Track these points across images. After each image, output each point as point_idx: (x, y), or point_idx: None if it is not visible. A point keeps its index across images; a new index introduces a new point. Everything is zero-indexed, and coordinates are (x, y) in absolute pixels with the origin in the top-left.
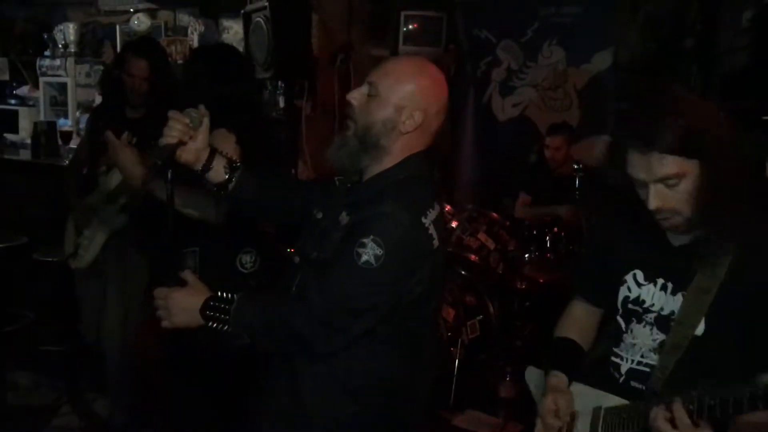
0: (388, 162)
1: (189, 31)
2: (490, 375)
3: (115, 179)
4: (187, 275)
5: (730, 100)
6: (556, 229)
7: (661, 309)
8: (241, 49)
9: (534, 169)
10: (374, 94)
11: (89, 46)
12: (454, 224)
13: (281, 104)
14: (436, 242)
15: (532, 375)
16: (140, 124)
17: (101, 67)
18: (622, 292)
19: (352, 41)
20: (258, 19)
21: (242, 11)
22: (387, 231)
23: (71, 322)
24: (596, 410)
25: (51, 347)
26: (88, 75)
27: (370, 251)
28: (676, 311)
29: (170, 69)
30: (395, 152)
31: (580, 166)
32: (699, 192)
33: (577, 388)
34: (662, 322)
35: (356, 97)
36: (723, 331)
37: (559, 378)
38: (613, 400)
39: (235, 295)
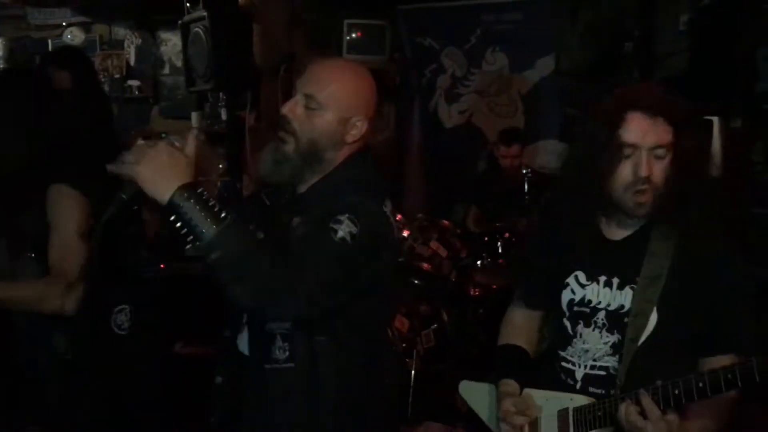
0: (330, 167)
1: (125, 45)
2: (447, 385)
3: None
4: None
5: None
6: (507, 234)
7: (608, 305)
8: (180, 61)
9: (483, 177)
10: (314, 107)
11: (20, 61)
12: (405, 233)
13: (223, 116)
14: (395, 232)
15: (468, 388)
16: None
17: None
18: (566, 295)
19: (294, 51)
20: (197, 29)
21: (180, 22)
22: (360, 212)
23: None
24: (562, 412)
25: None
26: None
27: (345, 228)
28: (626, 305)
29: (96, 78)
30: (340, 158)
31: (529, 170)
32: (674, 171)
33: (531, 392)
34: (613, 320)
35: (294, 110)
36: (676, 316)
37: (510, 385)
38: (579, 400)
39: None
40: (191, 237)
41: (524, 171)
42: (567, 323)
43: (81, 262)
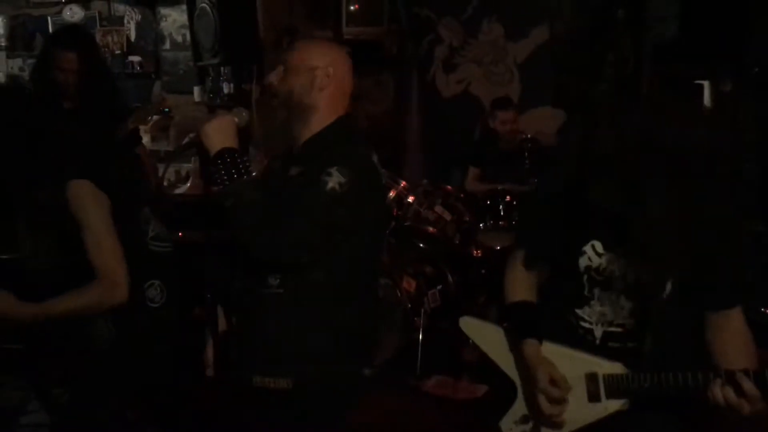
0: (317, 123)
1: (125, 21)
2: (454, 341)
3: None
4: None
5: (663, 66)
6: (508, 198)
7: (625, 273)
8: (183, 36)
9: (481, 143)
10: (288, 67)
11: (20, 39)
12: (410, 199)
13: (225, 90)
14: (383, 179)
15: (469, 325)
16: (77, 115)
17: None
18: (583, 261)
19: (294, 24)
20: (203, 4)
21: None
22: (349, 162)
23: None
24: (591, 376)
25: (10, 345)
26: (21, 69)
27: (335, 178)
28: (642, 274)
29: (100, 56)
30: (320, 109)
31: (529, 137)
32: None
33: (552, 348)
34: (630, 288)
35: (273, 76)
36: (688, 278)
37: (534, 346)
38: (607, 367)
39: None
40: (220, 185)
41: (524, 137)
42: (585, 284)
43: (119, 253)
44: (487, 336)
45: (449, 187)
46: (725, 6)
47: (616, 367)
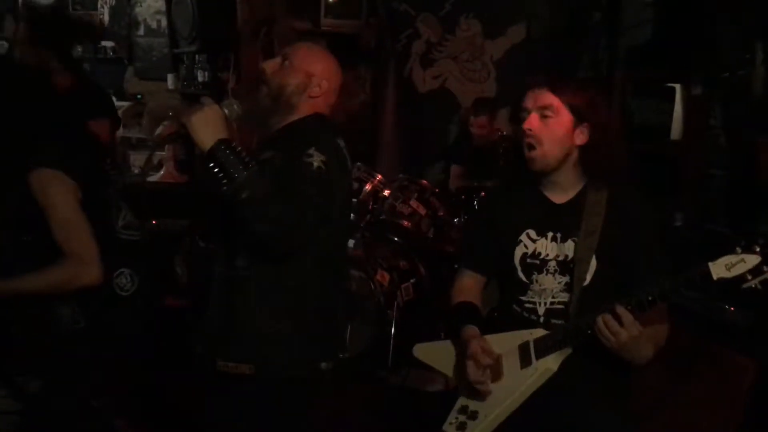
0: (295, 117)
1: (99, 5)
2: (426, 334)
3: None
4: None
5: (636, 69)
6: (483, 194)
7: (557, 256)
8: (158, 22)
9: (457, 141)
10: (288, 64)
11: None
12: (386, 193)
13: (200, 78)
14: (349, 164)
15: (423, 350)
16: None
17: (4, 42)
18: (519, 250)
19: (273, 14)
20: None
21: None
22: (322, 143)
23: None
24: (522, 345)
25: None
26: None
27: (317, 158)
28: (569, 255)
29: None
30: (302, 111)
31: (503, 134)
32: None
33: (490, 337)
34: (562, 267)
35: (270, 64)
36: (611, 261)
37: (473, 329)
38: (538, 333)
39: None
40: (225, 180)
41: (499, 135)
42: (521, 275)
43: (88, 234)
44: (439, 354)
45: (425, 181)
46: (697, 13)
47: (543, 332)
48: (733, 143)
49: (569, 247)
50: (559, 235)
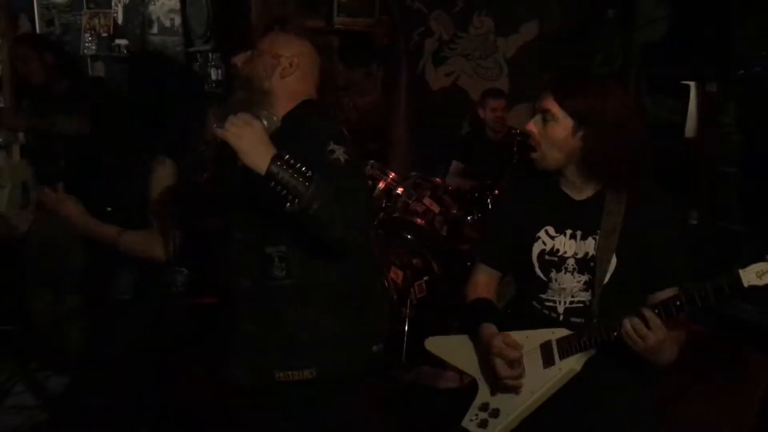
0: (282, 108)
1: (113, 3)
2: (439, 332)
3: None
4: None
5: (650, 67)
6: (496, 191)
7: (575, 254)
8: (172, 20)
9: (468, 137)
10: (256, 53)
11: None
12: (399, 191)
13: (213, 77)
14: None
15: (435, 343)
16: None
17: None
18: (537, 247)
19: (287, 12)
20: None
21: None
22: (337, 136)
23: (16, 302)
24: (544, 344)
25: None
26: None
27: (339, 152)
28: (590, 252)
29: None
30: (282, 96)
31: (518, 131)
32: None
33: (511, 333)
34: (581, 265)
35: (240, 57)
36: (631, 260)
37: (491, 327)
38: (561, 332)
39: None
40: (292, 197)
41: (514, 132)
42: (539, 272)
43: (169, 217)
44: (452, 347)
45: (438, 179)
46: (712, 9)
47: (566, 332)
48: (747, 141)
49: (589, 245)
50: (578, 232)
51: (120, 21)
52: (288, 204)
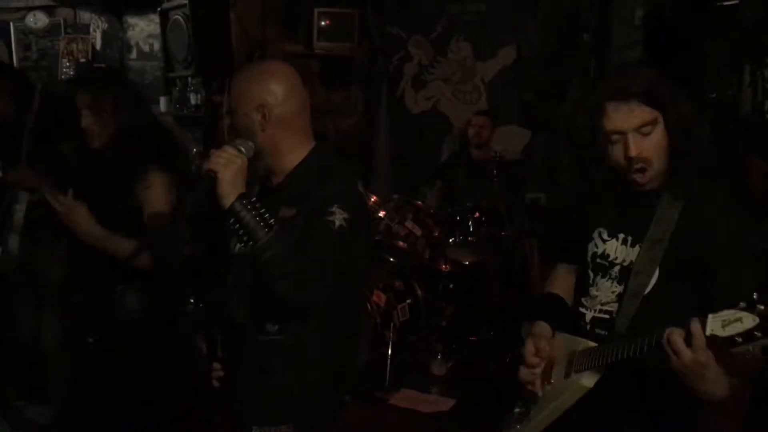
0: (289, 160)
1: (91, 29)
2: (422, 355)
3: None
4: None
5: None
6: (477, 214)
7: (623, 261)
8: (151, 46)
9: (449, 160)
10: (232, 112)
11: None
12: (381, 214)
13: (192, 101)
14: (369, 210)
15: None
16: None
17: None
18: (591, 248)
19: (266, 37)
20: (176, 16)
21: (159, 9)
22: (345, 199)
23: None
24: (570, 354)
25: None
26: None
27: (339, 216)
28: (634, 261)
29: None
30: (279, 149)
31: (497, 154)
32: (665, 139)
33: (560, 337)
34: (623, 274)
35: (226, 120)
36: (675, 278)
37: (541, 327)
38: (587, 344)
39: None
40: (248, 239)
41: (493, 153)
42: (590, 273)
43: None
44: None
45: (420, 202)
46: (686, 34)
47: (591, 344)
48: (719, 162)
49: (635, 254)
50: (629, 238)
51: (98, 46)
52: (241, 244)
